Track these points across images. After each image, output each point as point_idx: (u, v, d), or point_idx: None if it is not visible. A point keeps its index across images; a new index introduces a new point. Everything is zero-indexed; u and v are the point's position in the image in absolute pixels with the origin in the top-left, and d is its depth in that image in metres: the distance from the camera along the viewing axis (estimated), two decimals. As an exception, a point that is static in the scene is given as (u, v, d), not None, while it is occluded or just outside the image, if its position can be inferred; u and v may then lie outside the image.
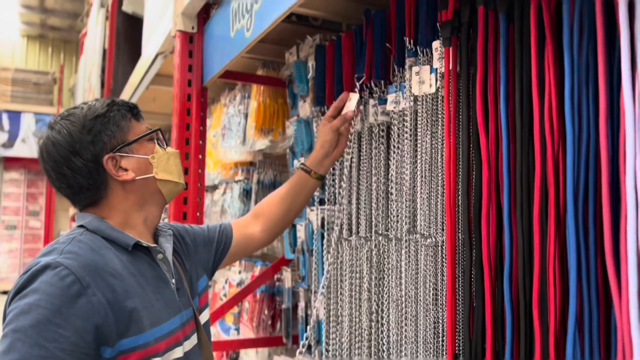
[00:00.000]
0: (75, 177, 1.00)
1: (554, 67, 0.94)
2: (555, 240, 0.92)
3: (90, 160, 1.00)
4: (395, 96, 1.31)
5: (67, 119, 1.02)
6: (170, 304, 1.02)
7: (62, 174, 1.00)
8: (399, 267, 1.29)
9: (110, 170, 1.01)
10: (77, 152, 0.99)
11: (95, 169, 1.00)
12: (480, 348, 1.04)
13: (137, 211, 1.05)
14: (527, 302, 0.96)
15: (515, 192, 0.99)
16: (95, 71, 5.43)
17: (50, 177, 1.03)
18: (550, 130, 0.93)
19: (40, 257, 0.92)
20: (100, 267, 0.92)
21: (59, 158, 1.00)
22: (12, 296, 0.89)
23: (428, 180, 1.21)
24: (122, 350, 0.91)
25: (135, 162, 1.04)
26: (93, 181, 1.01)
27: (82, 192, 1.01)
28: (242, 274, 2.46)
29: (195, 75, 1.91)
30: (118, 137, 1.03)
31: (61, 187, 1.02)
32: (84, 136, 1.00)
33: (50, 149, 1.00)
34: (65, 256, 0.90)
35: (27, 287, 0.87)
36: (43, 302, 0.84)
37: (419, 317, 1.21)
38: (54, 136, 1.01)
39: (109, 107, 1.03)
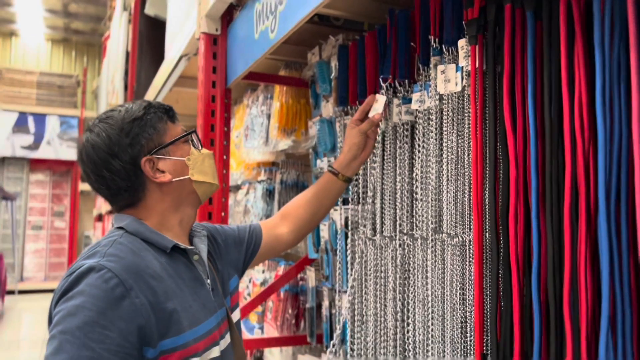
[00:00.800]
0: (114, 179, 1.02)
1: (584, 64, 0.93)
2: (587, 240, 0.91)
3: (128, 163, 1.01)
4: (420, 95, 1.30)
5: (106, 122, 1.04)
6: (207, 304, 1.04)
7: (101, 176, 1.02)
8: (424, 266, 1.28)
9: (148, 172, 1.03)
10: (115, 154, 1.01)
11: (133, 171, 1.02)
12: (508, 348, 1.03)
13: (173, 212, 1.07)
14: (557, 302, 0.95)
15: (544, 191, 0.98)
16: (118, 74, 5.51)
17: (90, 179, 1.05)
18: (580, 129, 0.92)
19: (83, 259, 0.94)
20: (141, 269, 0.94)
21: (98, 160, 1.02)
22: (58, 298, 0.91)
23: (454, 179, 1.21)
24: (164, 351, 0.93)
25: (172, 164, 1.05)
26: (131, 183, 1.02)
27: (120, 193, 1.03)
28: (265, 273, 2.48)
29: (219, 77, 1.92)
30: (155, 140, 1.04)
31: (100, 189, 1.05)
32: (122, 139, 1.01)
33: (90, 151, 1.02)
34: (108, 259, 0.92)
35: (72, 289, 0.89)
36: (89, 304, 0.86)
37: (445, 317, 1.21)
38: (93, 139, 1.03)
39: (145, 109, 1.05)
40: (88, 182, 1.06)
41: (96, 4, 9.07)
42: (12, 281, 8.95)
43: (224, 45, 1.96)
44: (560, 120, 0.96)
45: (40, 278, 9.95)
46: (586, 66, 0.93)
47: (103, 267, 0.90)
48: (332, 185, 1.41)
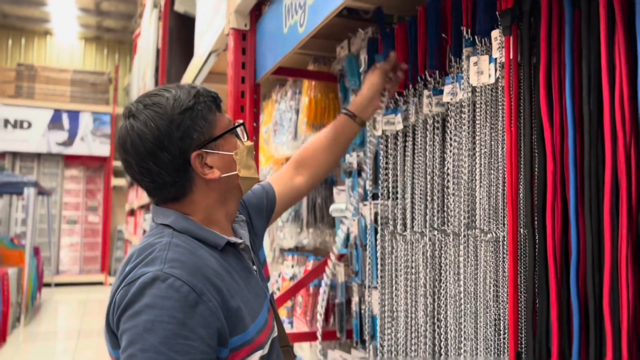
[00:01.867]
0: (160, 173, 0.94)
1: (625, 54, 0.90)
2: (628, 236, 0.88)
3: (177, 157, 0.93)
4: (452, 87, 1.28)
5: (153, 109, 0.94)
6: (259, 293, 1.01)
7: (146, 168, 0.94)
8: (457, 262, 1.26)
9: (197, 168, 0.95)
10: (165, 147, 0.92)
11: (182, 166, 0.94)
12: (545, 346, 1.01)
13: (219, 207, 1.01)
14: (597, 300, 0.92)
15: (583, 185, 0.95)
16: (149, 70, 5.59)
17: (130, 169, 0.96)
18: (621, 121, 0.89)
19: (141, 267, 0.87)
20: (205, 270, 0.90)
21: (144, 152, 0.93)
22: (122, 311, 0.85)
23: (487, 174, 1.18)
24: (233, 348, 0.90)
25: (220, 159, 0.98)
26: (179, 178, 0.95)
27: (165, 187, 0.96)
28: (294, 268, 2.48)
29: (248, 72, 1.93)
30: (206, 133, 0.96)
31: (143, 181, 0.97)
32: (173, 131, 0.93)
33: (136, 141, 0.93)
34: (171, 265, 0.87)
35: (137, 301, 0.84)
36: (166, 317, 0.81)
37: (478, 314, 1.18)
38: (139, 128, 0.93)
39: (195, 99, 0.96)
40: (128, 172, 0.97)
41: (127, 2, 9.22)
42: (48, 274, 9.22)
43: (253, 41, 1.96)
44: (600, 113, 0.93)
45: (75, 271, 10.21)
46: (627, 56, 0.90)
47: (169, 276, 0.85)
48: (347, 128, 1.38)
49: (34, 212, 6.75)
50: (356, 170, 1.82)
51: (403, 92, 1.49)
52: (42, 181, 9.87)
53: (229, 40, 1.98)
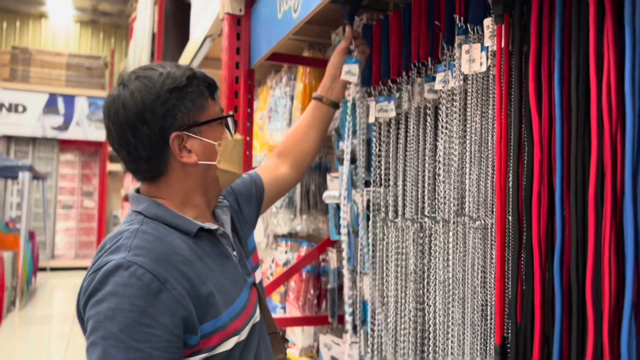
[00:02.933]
0: (137, 146, 0.93)
1: (613, 44, 0.90)
2: (612, 224, 0.89)
3: (156, 134, 0.92)
4: (444, 75, 1.29)
5: (142, 82, 0.93)
6: (237, 278, 1.00)
7: (124, 139, 0.93)
8: (446, 249, 1.28)
9: (175, 149, 0.94)
10: (145, 121, 0.91)
11: (160, 144, 0.93)
12: (529, 332, 1.03)
13: (197, 193, 1.00)
14: (580, 287, 0.93)
15: (569, 174, 0.96)
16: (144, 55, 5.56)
17: (111, 137, 0.96)
18: (608, 110, 0.90)
19: (107, 255, 0.88)
20: (171, 257, 0.89)
21: (125, 122, 0.92)
22: (87, 299, 0.86)
23: (477, 161, 1.19)
24: (203, 335, 0.90)
25: (201, 146, 0.96)
26: (154, 155, 0.94)
27: (140, 162, 0.95)
28: (288, 254, 2.50)
29: (242, 58, 1.93)
30: (191, 116, 0.95)
31: (120, 151, 0.96)
32: (156, 107, 0.92)
33: (119, 110, 0.93)
34: (135, 252, 0.86)
35: (100, 289, 0.84)
36: (127, 305, 0.82)
37: (466, 300, 1.20)
38: (125, 97, 0.92)
39: (188, 80, 0.95)
40: (109, 139, 0.97)
41: (123, -14, 9.14)
42: (43, 258, 9.23)
43: (248, 26, 1.96)
44: (588, 102, 0.94)
45: (70, 256, 10.24)
46: (616, 46, 0.91)
47: (132, 264, 0.84)
48: (318, 112, 1.42)
49: (29, 196, 6.75)
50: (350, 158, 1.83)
51: (397, 79, 1.50)
52: (37, 166, 9.85)
53: (224, 25, 1.98)
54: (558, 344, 0.96)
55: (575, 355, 0.94)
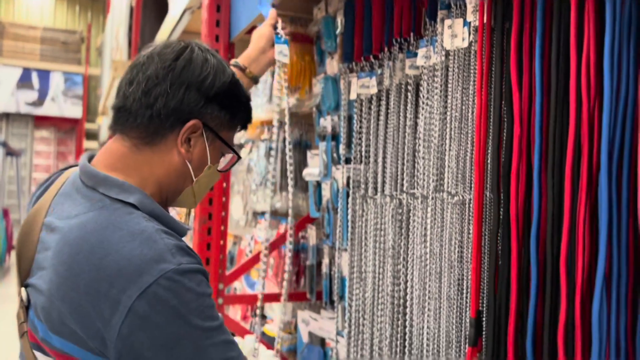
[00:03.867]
0: (160, 96, 0.83)
1: (594, 20, 0.91)
2: (587, 199, 0.91)
3: (187, 105, 0.84)
4: (426, 50, 1.28)
5: (219, 64, 0.88)
6: None
7: (158, 80, 0.84)
8: (424, 224, 1.29)
9: (183, 132, 0.86)
10: (194, 87, 0.84)
11: (179, 116, 0.85)
12: (504, 305, 1.05)
13: (162, 190, 0.89)
14: (555, 260, 0.95)
15: (547, 150, 0.97)
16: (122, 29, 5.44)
17: (142, 67, 0.85)
18: (587, 86, 0.91)
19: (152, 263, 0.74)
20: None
21: (178, 71, 0.84)
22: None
23: (457, 138, 1.20)
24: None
25: (200, 152, 0.89)
26: (163, 119, 0.84)
27: (142, 112, 0.84)
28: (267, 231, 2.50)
29: (222, 31, 1.89)
30: (221, 124, 0.90)
31: (136, 88, 0.84)
32: (212, 89, 0.86)
33: (185, 59, 0.85)
34: (181, 254, 0.77)
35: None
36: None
37: (442, 274, 1.22)
38: (198, 56, 0.86)
39: (246, 102, 0.94)
40: (121, 84, 0.86)
41: (100, -42, 8.89)
42: (18, 236, 9.07)
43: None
44: (567, 77, 0.94)
45: (46, 234, 10.08)
46: (596, 23, 0.91)
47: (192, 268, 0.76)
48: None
49: (2, 173, 6.61)
50: (330, 135, 1.82)
51: (378, 55, 1.49)
52: (11, 142, 9.63)
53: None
54: (532, 317, 0.98)
55: (548, 327, 0.96)
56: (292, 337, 2.19)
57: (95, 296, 0.73)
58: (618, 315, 0.88)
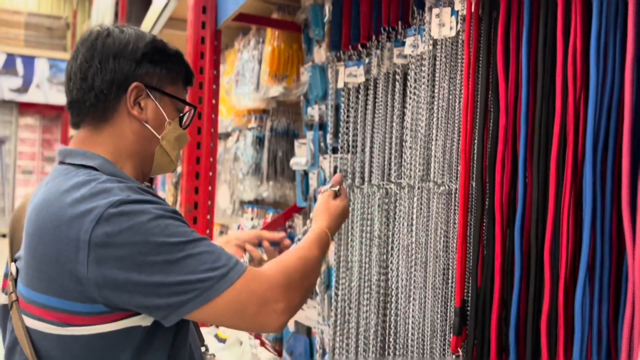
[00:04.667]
0: (95, 75, 0.89)
1: (581, 10, 0.91)
2: (572, 189, 0.91)
3: (121, 73, 0.90)
4: (413, 39, 1.27)
5: (137, 31, 0.94)
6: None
7: (88, 64, 0.90)
8: (410, 214, 1.29)
9: (129, 97, 0.91)
10: (121, 55, 0.90)
11: (118, 85, 0.90)
12: (488, 295, 1.05)
13: (131, 158, 0.94)
14: (539, 250, 0.95)
15: (533, 140, 0.97)
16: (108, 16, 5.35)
17: (73, 61, 0.92)
18: (573, 76, 0.91)
19: (87, 203, 0.79)
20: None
21: (101, 49, 0.90)
22: (101, 249, 0.77)
23: (444, 127, 1.19)
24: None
25: (154, 111, 0.94)
26: (106, 93, 0.90)
27: (90, 94, 0.90)
28: (254, 220, 2.49)
29: (209, 18, 1.87)
30: (161, 81, 0.95)
31: (74, 76, 0.91)
32: (137, 51, 0.91)
33: (102, 36, 0.91)
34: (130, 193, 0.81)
35: (118, 228, 0.77)
36: (153, 222, 0.79)
37: (428, 264, 1.22)
38: (114, 30, 0.93)
39: (175, 55, 0.97)
40: (69, 65, 0.93)
41: (85, -58, 8.72)
42: (2, 224, 8.98)
43: (215, -16, 1.90)
44: (553, 67, 0.94)
45: (31, 222, 9.98)
46: (583, 13, 0.91)
47: (137, 200, 0.80)
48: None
49: (-14, 160, 6.51)
50: (318, 124, 1.81)
51: (366, 44, 1.48)
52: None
53: (190, -18, 1.91)
54: (516, 307, 0.99)
55: (532, 316, 0.96)
56: (278, 326, 2.19)
57: (58, 242, 0.79)
58: (600, 304, 0.89)
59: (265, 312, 0.84)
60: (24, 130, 10.06)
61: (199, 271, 0.79)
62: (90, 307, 0.80)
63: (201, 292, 0.79)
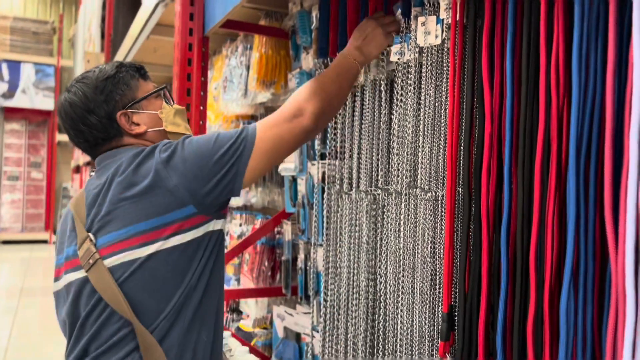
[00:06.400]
0: (91, 132, 1.14)
1: (563, 19, 0.92)
2: (556, 195, 0.92)
3: (104, 117, 1.13)
4: (399, 47, 1.28)
5: (82, 82, 1.14)
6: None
7: (79, 130, 1.14)
8: (398, 220, 1.29)
9: (124, 125, 1.15)
10: (91, 110, 1.12)
11: (110, 125, 1.14)
12: (475, 300, 1.06)
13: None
14: (524, 255, 0.97)
15: (518, 146, 0.99)
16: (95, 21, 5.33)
17: (69, 134, 1.16)
18: (556, 84, 0.92)
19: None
20: None
21: (75, 117, 1.13)
22: (168, 156, 1.08)
23: (430, 134, 1.20)
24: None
25: (147, 117, 1.17)
26: (107, 134, 1.14)
27: (98, 144, 1.16)
28: (242, 226, 2.48)
29: (196, 24, 1.87)
30: (128, 95, 1.15)
31: (79, 143, 1.16)
32: (97, 96, 1.13)
33: (68, 109, 1.14)
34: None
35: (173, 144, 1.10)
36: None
37: (416, 270, 1.23)
38: (70, 97, 1.14)
39: (117, 68, 1.16)
40: (69, 136, 1.16)
41: (72, -53, 8.67)
42: (-11, 231, 8.87)
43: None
44: (537, 74, 0.96)
45: (17, 229, 9.86)
46: (565, 21, 0.92)
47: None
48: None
49: (-29, 166, 6.43)
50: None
51: (353, 51, 1.48)
52: (-20, 135, 9.37)
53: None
54: (502, 312, 1.00)
55: (518, 321, 0.97)
56: (267, 332, 2.19)
57: (146, 176, 1.07)
58: (585, 308, 0.90)
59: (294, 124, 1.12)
60: (9, 136, 9.96)
61: (235, 136, 1.10)
62: (183, 212, 1.05)
63: (245, 145, 1.08)
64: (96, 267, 1.04)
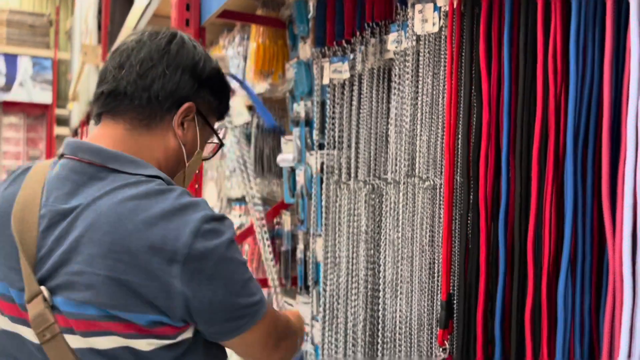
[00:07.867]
0: (157, 79, 0.84)
1: (560, 7, 0.92)
2: (553, 183, 0.92)
3: (183, 88, 0.86)
4: (397, 35, 1.28)
5: (205, 52, 0.91)
6: None
7: (153, 63, 0.85)
8: (396, 209, 1.29)
9: (179, 115, 0.87)
10: (188, 71, 0.86)
11: (175, 99, 0.86)
12: (474, 288, 1.06)
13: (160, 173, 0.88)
14: (522, 243, 0.97)
15: (515, 134, 0.99)
16: (91, 13, 5.30)
17: (133, 52, 0.85)
18: (553, 72, 0.92)
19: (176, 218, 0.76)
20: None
21: (174, 55, 0.85)
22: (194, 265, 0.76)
23: (428, 123, 1.20)
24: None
25: (193, 137, 0.91)
26: (161, 101, 0.85)
27: (139, 94, 0.84)
28: (242, 217, 2.49)
29: (193, 15, 1.86)
30: (209, 110, 0.93)
31: (130, 70, 0.85)
32: (204, 73, 0.89)
33: (177, 44, 0.86)
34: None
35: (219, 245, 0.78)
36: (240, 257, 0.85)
37: (414, 258, 1.23)
38: (188, 42, 0.88)
39: (228, 89, 0.97)
40: (123, 54, 0.85)
41: (67, -62, 8.60)
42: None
43: (198, -19, 1.88)
44: (534, 63, 0.95)
45: (17, 222, 9.86)
46: (562, 10, 0.92)
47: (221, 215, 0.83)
48: None
49: (-31, 160, 6.42)
50: (304, 120, 1.82)
51: (351, 40, 1.48)
52: (-22, 128, 9.35)
53: (173, -20, 1.89)
54: (501, 299, 1.00)
55: (516, 309, 0.98)
56: (268, 322, 2.19)
57: (150, 253, 0.74)
58: (582, 295, 0.90)
59: (279, 347, 0.92)
60: (7, 130, 9.94)
61: (258, 292, 0.85)
62: (155, 318, 0.76)
63: (253, 315, 0.84)
64: (55, 344, 0.75)
